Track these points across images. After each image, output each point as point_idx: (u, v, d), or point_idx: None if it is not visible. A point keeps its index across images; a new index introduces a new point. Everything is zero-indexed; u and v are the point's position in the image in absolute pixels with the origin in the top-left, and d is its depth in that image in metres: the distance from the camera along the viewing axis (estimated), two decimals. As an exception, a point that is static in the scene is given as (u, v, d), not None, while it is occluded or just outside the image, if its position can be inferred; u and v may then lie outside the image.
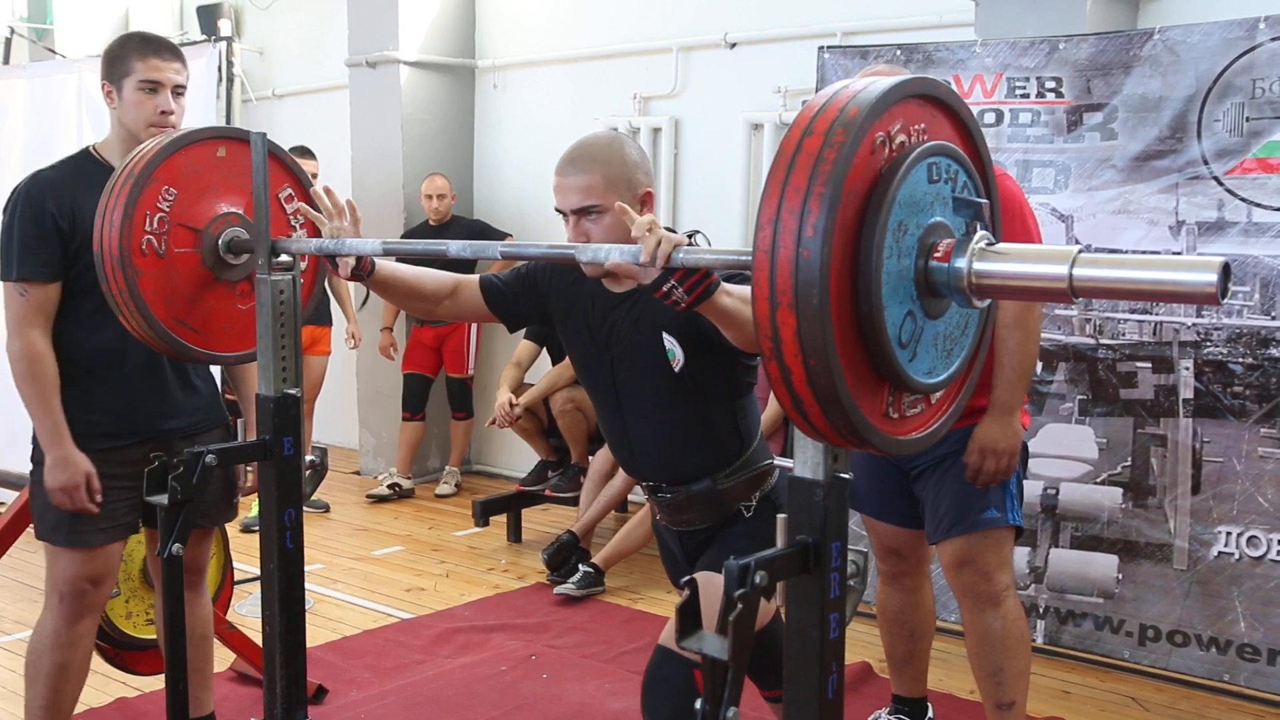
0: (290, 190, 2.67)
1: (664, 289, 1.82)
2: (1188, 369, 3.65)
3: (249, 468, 2.93)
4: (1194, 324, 3.63)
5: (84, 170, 2.68)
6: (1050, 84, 3.84)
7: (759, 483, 2.36)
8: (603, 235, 2.21)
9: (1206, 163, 3.60)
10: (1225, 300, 1.33)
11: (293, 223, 2.65)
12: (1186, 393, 3.65)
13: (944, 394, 1.60)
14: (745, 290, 1.94)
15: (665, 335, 2.25)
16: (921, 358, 1.47)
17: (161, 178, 2.47)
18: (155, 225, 2.46)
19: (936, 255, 1.45)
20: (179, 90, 2.70)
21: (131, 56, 2.66)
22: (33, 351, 2.59)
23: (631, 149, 2.28)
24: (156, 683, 3.38)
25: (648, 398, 2.33)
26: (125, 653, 3.22)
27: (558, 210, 2.29)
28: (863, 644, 3.92)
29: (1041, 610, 3.89)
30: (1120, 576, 3.77)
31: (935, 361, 1.50)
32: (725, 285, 1.88)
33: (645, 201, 2.26)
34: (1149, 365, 3.72)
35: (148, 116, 2.66)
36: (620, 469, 4.96)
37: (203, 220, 2.52)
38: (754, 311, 1.37)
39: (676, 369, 2.26)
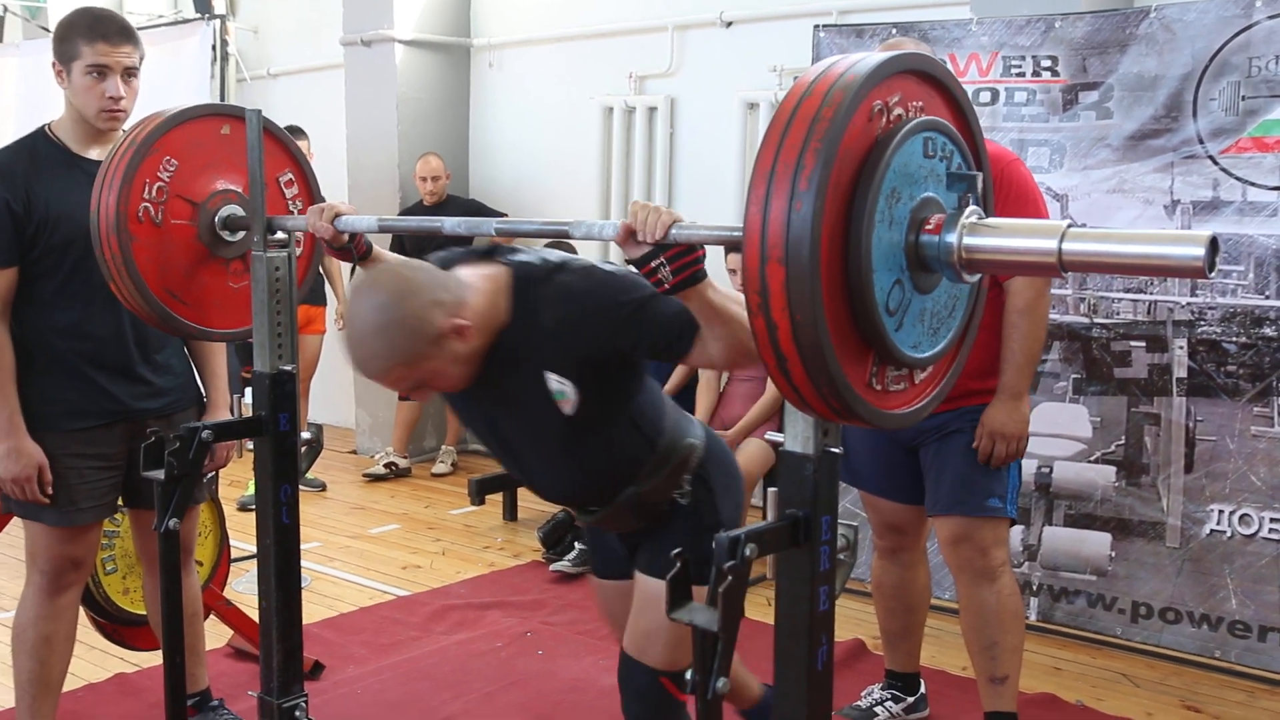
0: (291, 175, 2.65)
1: (651, 265, 1.74)
2: (1182, 348, 3.66)
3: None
4: (1188, 303, 3.64)
5: (40, 152, 2.64)
6: (1046, 63, 3.84)
7: (682, 469, 2.19)
8: (446, 382, 2.00)
9: (1202, 142, 3.60)
10: (1219, 279, 1.33)
11: (291, 208, 2.64)
12: (1180, 371, 3.66)
13: (929, 374, 1.59)
14: (733, 290, 1.92)
15: (550, 376, 2.03)
16: (908, 330, 1.47)
17: (164, 148, 2.45)
18: (154, 194, 2.44)
19: (928, 228, 1.45)
20: (130, 73, 2.63)
21: (79, 39, 2.58)
22: None
23: (404, 304, 1.90)
24: (154, 658, 3.40)
25: (543, 447, 2.15)
26: (123, 629, 3.24)
27: None
28: (855, 620, 3.94)
29: (1035, 588, 3.91)
30: (1113, 554, 3.79)
31: (921, 337, 1.51)
32: (712, 282, 1.81)
33: (457, 333, 1.95)
34: (1143, 344, 3.73)
35: (97, 101, 2.60)
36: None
37: (201, 194, 2.50)
38: (743, 266, 1.36)
39: (569, 411, 2.04)
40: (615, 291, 1.99)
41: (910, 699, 3.23)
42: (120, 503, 2.82)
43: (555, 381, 2.02)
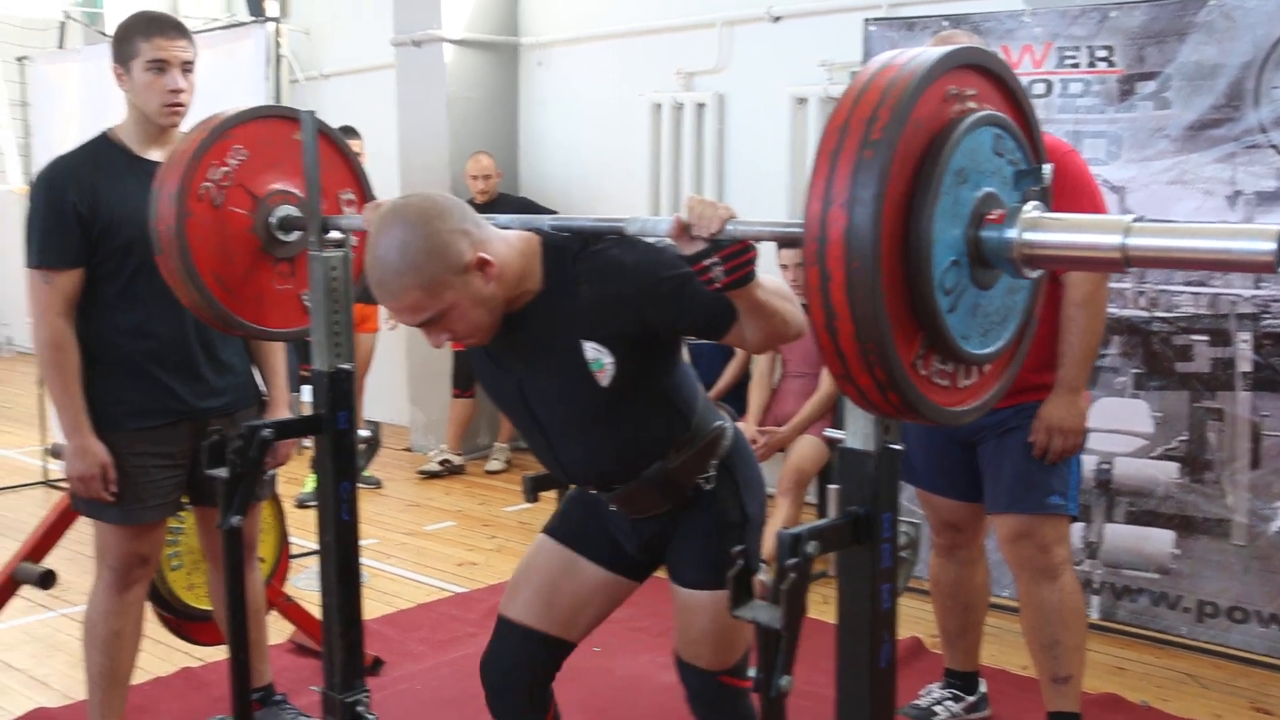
0: (351, 195, 2.67)
1: (704, 263, 1.70)
2: (1246, 342, 3.60)
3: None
4: (1252, 296, 3.58)
5: (104, 155, 2.70)
6: (1101, 53, 3.79)
7: (712, 450, 2.13)
8: (465, 325, 1.94)
9: (1264, 131, 3.53)
10: (1285, 271, 1.31)
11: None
12: (1245, 366, 3.60)
13: (972, 385, 1.56)
14: (777, 282, 1.88)
15: (587, 345, 1.98)
16: (960, 316, 1.44)
17: (236, 136, 2.49)
18: (218, 177, 2.47)
19: (989, 219, 1.44)
20: (187, 67, 2.70)
21: (137, 37, 2.66)
22: (57, 339, 2.62)
23: (430, 223, 1.87)
24: (218, 653, 3.45)
25: (574, 420, 2.08)
26: (187, 624, 3.29)
27: None
28: (914, 619, 3.91)
29: (1096, 586, 3.86)
30: (1177, 552, 3.73)
31: (971, 331, 1.48)
32: (760, 279, 1.79)
33: (480, 266, 1.91)
34: (1205, 338, 3.67)
35: (159, 96, 2.66)
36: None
37: (263, 189, 2.53)
38: (806, 212, 1.34)
39: (605, 382, 1.99)
40: (658, 266, 1.95)
41: (971, 698, 3.20)
42: (185, 500, 2.87)
43: (593, 350, 1.97)
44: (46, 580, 3.06)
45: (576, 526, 2.29)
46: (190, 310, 2.53)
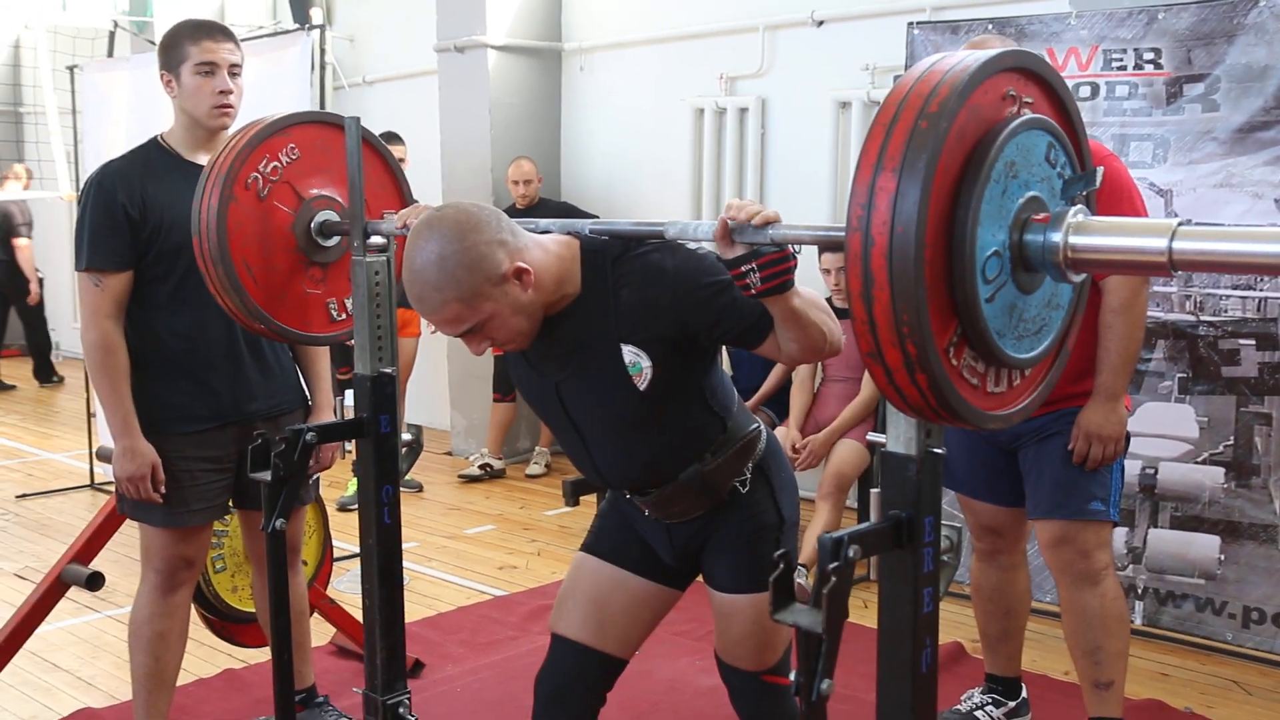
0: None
1: (741, 269, 1.71)
2: (1293, 346, 3.55)
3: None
4: (1300, 299, 3.53)
5: (153, 159, 2.74)
6: (1149, 55, 3.75)
7: (748, 452, 2.13)
8: (505, 333, 1.94)
9: (1314, 133, 3.48)
10: (1334, 274, 1.29)
11: None
12: (1292, 370, 3.55)
13: (1000, 394, 1.53)
14: (815, 296, 1.90)
15: (626, 348, 1.98)
16: (997, 310, 1.42)
17: (293, 135, 2.54)
18: (268, 170, 2.50)
19: (1035, 220, 1.43)
20: (235, 70, 2.73)
21: (185, 42, 2.70)
22: (107, 342, 2.64)
23: (466, 237, 1.87)
24: (260, 655, 3.49)
25: (611, 423, 2.07)
26: (231, 626, 3.32)
27: None
28: (955, 624, 3.89)
29: (1140, 591, 3.82)
30: (1222, 557, 3.68)
31: (1006, 330, 1.46)
32: (798, 289, 1.79)
33: (518, 275, 1.91)
34: (1252, 342, 3.63)
35: (208, 98, 2.70)
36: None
37: (308, 191, 2.56)
38: (855, 180, 1.34)
39: (643, 386, 1.98)
40: (699, 272, 1.95)
41: (1012, 703, 3.17)
42: (230, 504, 2.89)
43: (631, 354, 1.97)
44: (94, 582, 3.10)
45: (615, 541, 2.27)
46: (212, 294, 2.52)
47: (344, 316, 2.66)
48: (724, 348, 2.20)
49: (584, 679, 2.24)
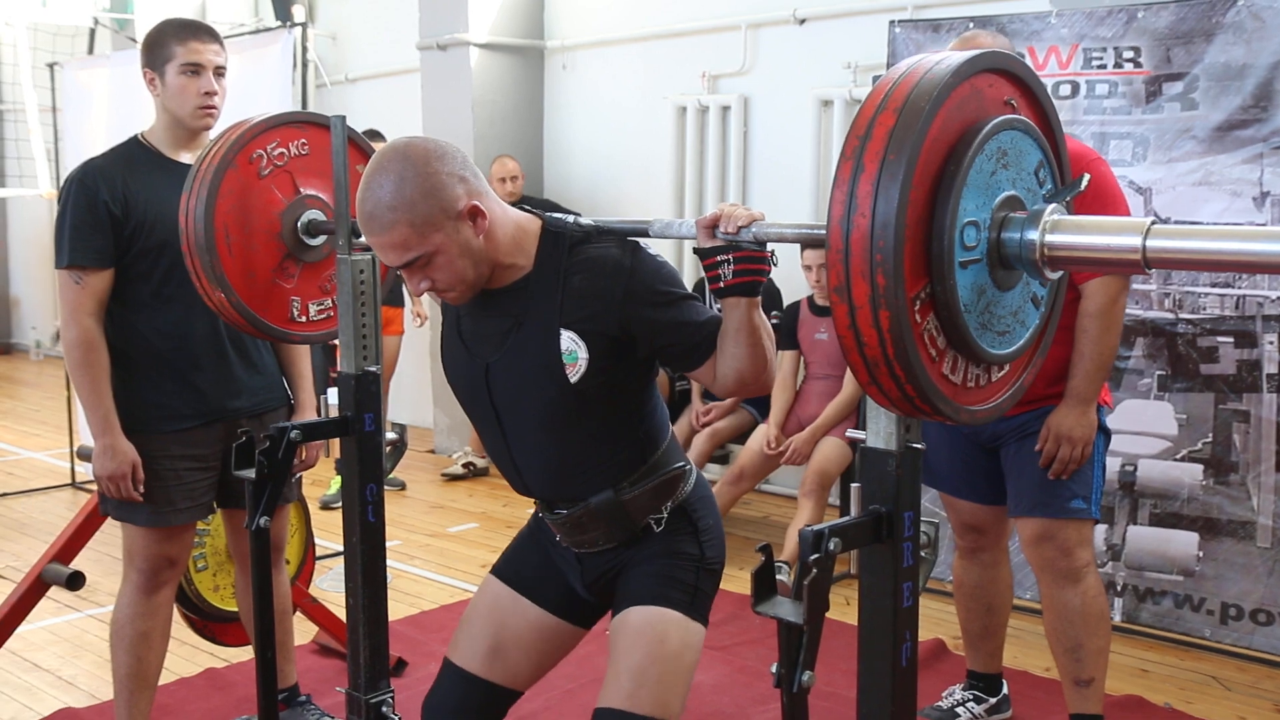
0: None
1: (716, 259, 1.77)
2: (1272, 343, 3.58)
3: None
4: (1279, 297, 3.56)
5: (135, 157, 2.73)
6: (1128, 54, 3.77)
7: (669, 490, 2.04)
8: (448, 275, 1.90)
9: (1292, 132, 3.52)
10: (1309, 271, 1.30)
11: None
12: (1271, 367, 3.58)
13: (975, 390, 1.54)
14: (769, 325, 1.91)
15: (566, 334, 1.93)
16: (968, 284, 1.42)
17: (307, 132, 2.57)
18: (274, 154, 2.52)
19: (1014, 216, 1.45)
20: (220, 71, 2.73)
21: (171, 41, 2.69)
22: (87, 339, 2.63)
23: (429, 164, 1.86)
24: (242, 654, 3.48)
25: (534, 414, 1.99)
26: (213, 625, 3.31)
27: None
28: (936, 620, 3.91)
29: (1119, 588, 3.84)
30: (1201, 554, 3.71)
31: (972, 309, 1.45)
32: (758, 304, 1.81)
33: (472, 215, 1.89)
34: (1231, 340, 3.65)
35: (193, 99, 2.69)
36: (693, 439, 4.98)
37: (306, 188, 2.58)
38: (857, 117, 1.36)
39: (574, 377, 1.92)
40: (655, 279, 1.93)
41: (993, 700, 3.19)
42: (214, 503, 2.88)
43: (570, 340, 1.93)
44: (75, 581, 3.08)
45: (525, 568, 2.20)
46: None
47: (304, 319, 2.64)
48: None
49: (468, 708, 2.15)
